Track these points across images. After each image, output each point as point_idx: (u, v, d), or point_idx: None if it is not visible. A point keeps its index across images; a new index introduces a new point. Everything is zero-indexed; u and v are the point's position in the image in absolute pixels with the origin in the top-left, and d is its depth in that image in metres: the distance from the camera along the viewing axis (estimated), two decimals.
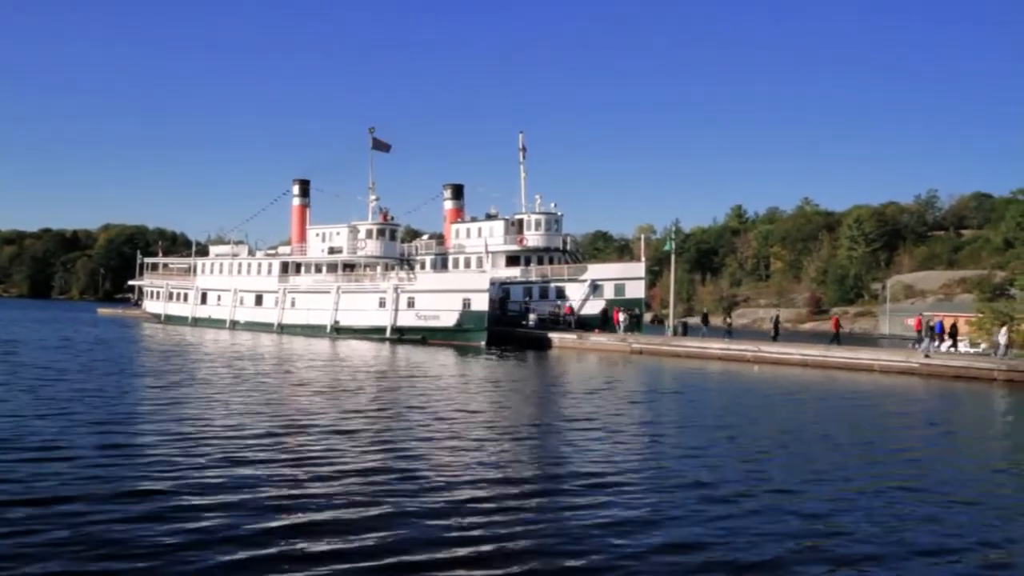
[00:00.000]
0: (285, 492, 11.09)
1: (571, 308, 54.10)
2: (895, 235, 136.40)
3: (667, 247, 59.82)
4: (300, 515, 10.04)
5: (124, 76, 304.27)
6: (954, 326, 43.75)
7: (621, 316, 51.49)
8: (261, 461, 13.06)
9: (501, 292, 57.61)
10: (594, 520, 10.13)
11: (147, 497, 10.56)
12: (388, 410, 19.52)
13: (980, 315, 54.34)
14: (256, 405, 19.56)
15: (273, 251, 71.77)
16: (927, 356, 36.76)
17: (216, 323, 65.92)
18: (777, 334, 47.83)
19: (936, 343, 40.81)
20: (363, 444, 14.81)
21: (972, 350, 45.38)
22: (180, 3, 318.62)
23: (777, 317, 54.00)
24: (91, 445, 13.87)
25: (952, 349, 41.57)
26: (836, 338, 45.59)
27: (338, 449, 14.20)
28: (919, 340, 42.30)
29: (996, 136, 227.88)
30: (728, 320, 57.00)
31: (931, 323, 42.51)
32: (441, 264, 63.22)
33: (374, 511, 10.28)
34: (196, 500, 10.59)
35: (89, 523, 9.40)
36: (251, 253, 70.17)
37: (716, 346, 43.30)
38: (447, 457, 13.85)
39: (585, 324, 53.01)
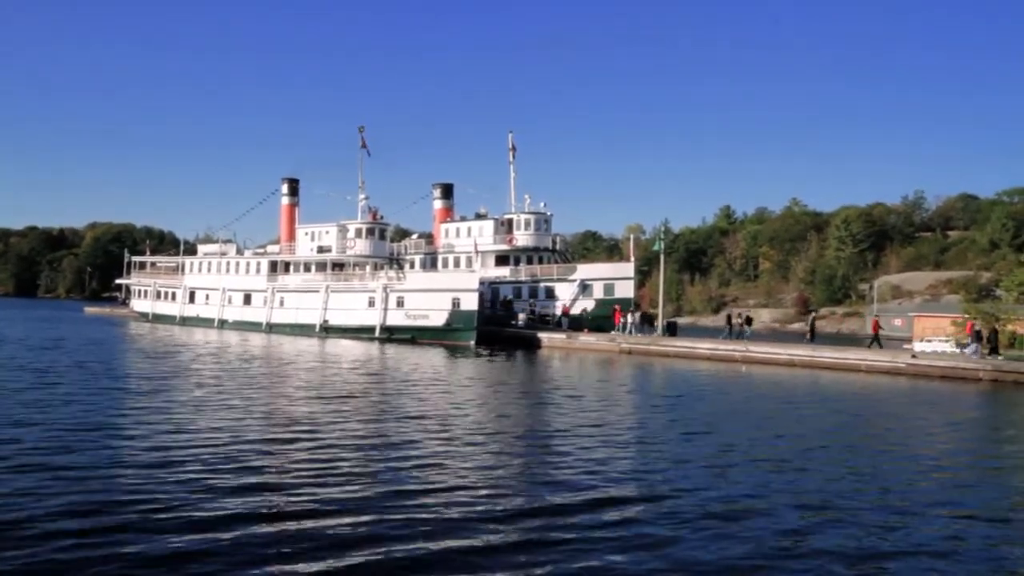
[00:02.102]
0: (271, 501, 10.83)
1: (567, 308, 54.09)
2: (882, 236, 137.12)
3: (656, 247, 60.04)
4: (285, 526, 9.81)
5: (111, 74, 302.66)
6: (994, 331, 40.16)
7: (630, 317, 50.61)
8: (250, 469, 12.72)
9: (508, 293, 57.71)
10: (596, 533, 9.79)
11: (131, 508, 10.29)
12: (379, 417, 18.84)
13: (967, 316, 54.82)
14: (247, 410, 19.16)
15: (262, 250, 71.54)
16: (912, 356, 37.04)
17: (204, 322, 65.64)
18: (813, 336, 47.75)
19: (976, 347, 37.79)
20: (352, 453, 14.22)
21: (958, 351, 45.75)
22: (168, 2, 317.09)
23: (813, 319, 53.56)
24: (80, 452, 13.65)
25: (998, 356, 37.82)
26: (876, 340, 44.12)
27: (325, 459, 13.58)
28: (969, 343, 39.03)
29: (982, 137, 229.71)
30: (740, 322, 51.36)
31: (977, 327, 39.26)
32: (430, 264, 63.18)
33: (364, 522, 9.97)
34: (184, 509, 10.46)
35: (84, 533, 9.20)
36: (239, 252, 69.91)
37: (704, 346, 43.45)
38: (441, 467, 13.19)
39: (579, 324, 52.90)
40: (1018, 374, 32.75)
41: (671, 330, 51.35)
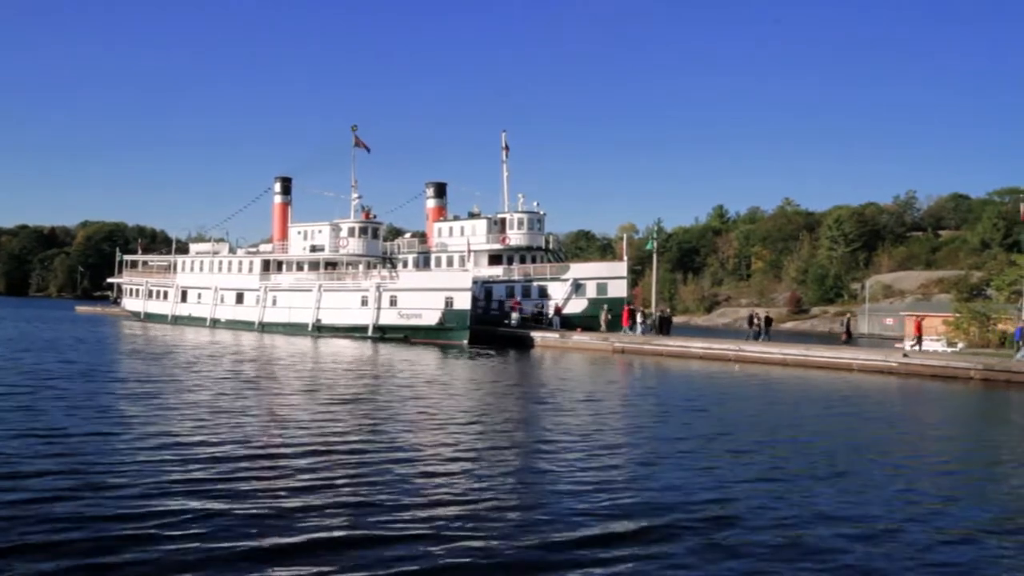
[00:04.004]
0: (257, 514, 10.23)
1: (559, 307, 54.01)
2: (874, 235, 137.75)
3: (649, 246, 60.14)
4: (265, 545, 9.54)
5: (103, 73, 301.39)
6: None
7: (639, 316, 50.28)
8: (244, 481, 12.13)
9: (502, 292, 57.70)
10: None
11: (118, 527, 9.80)
12: (375, 424, 17.86)
13: (958, 315, 55.12)
14: (240, 417, 18.46)
15: (254, 249, 71.32)
16: (904, 356, 37.18)
17: (196, 321, 65.41)
18: (850, 337, 47.56)
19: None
20: (346, 466, 13.24)
21: (949, 349, 45.94)
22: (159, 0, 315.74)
23: (849, 319, 52.90)
24: (64, 466, 12.94)
25: None
26: (918, 342, 42.94)
27: (318, 471, 12.75)
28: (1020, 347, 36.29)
29: (974, 138, 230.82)
30: (757, 323, 49.83)
31: None
32: (423, 263, 63.15)
33: (362, 541, 9.38)
34: (175, 519, 10.26)
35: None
36: (232, 251, 69.66)
37: (697, 345, 43.55)
38: (441, 479, 12.35)
39: (570, 323, 52.87)
40: (1009, 373, 32.86)
41: (664, 328, 51.45)
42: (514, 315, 54.30)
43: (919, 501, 11.95)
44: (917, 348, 42.00)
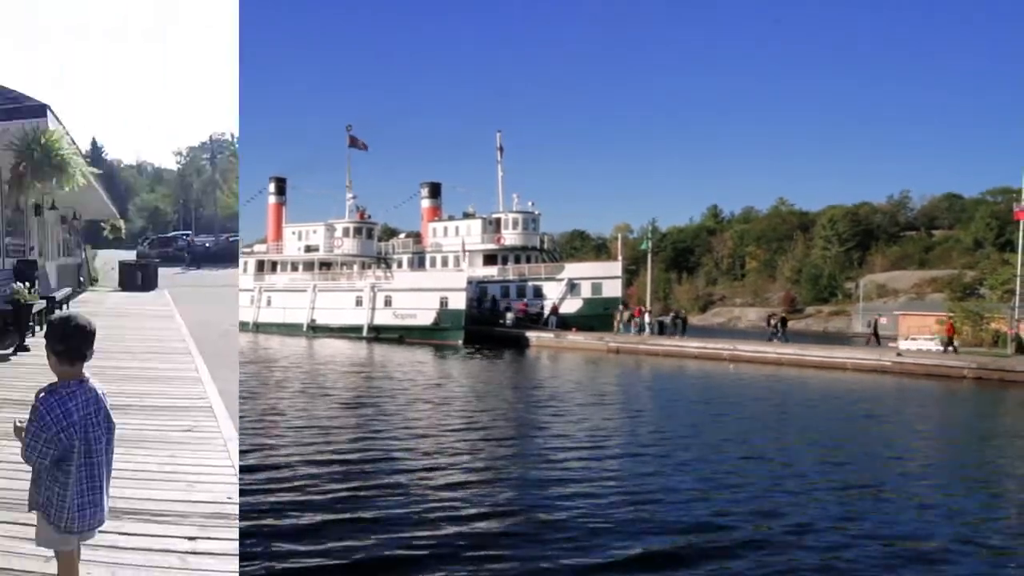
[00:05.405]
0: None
1: (556, 307, 53.99)
2: (868, 235, 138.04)
3: (644, 246, 60.29)
4: None
5: None
6: None
7: (647, 317, 50.07)
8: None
9: (497, 292, 57.63)
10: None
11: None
12: (376, 428, 17.36)
13: (951, 314, 55.24)
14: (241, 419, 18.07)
15: (248, 249, 71.22)
16: (898, 355, 37.28)
17: None
18: (878, 339, 47.61)
19: None
20: (343, 467, 13.02)
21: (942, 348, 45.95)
22: None
23: (876, 321, 52.69)
24: None
25: None
26: (950, 343, 41.67)
27: (314, 474, 12.43)
28: None
29: (967, 137, 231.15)
30: (774, 323, 49.37)
31: None
32: (418, 263, 63.14)
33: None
34: None
35: None
36: None
37: (692, 345, 43.62)
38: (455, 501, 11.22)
39: (566, 324, 52.85)
40: (1003, 372, 32.96)
41: (661, 329, 51.47)
42: (509, 315, 54.29)
43: (955, 515, 11.31)
44: (952, 350, 41.21)
